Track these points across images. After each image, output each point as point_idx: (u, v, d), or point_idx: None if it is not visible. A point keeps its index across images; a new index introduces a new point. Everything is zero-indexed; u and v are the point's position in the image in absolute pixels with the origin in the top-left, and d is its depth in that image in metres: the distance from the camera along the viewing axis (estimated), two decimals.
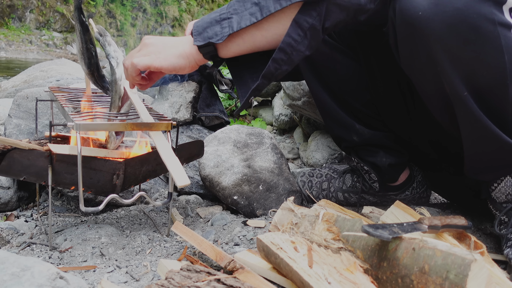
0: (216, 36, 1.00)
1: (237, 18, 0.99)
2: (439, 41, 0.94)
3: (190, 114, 1.93)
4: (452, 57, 0.95)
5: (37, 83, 2.46)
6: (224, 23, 1.00)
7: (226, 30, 0.99)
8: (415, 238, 0.88)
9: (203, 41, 1.00)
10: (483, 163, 1.09)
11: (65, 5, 17.57)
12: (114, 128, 1.13)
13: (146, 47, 1.06)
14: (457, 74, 0.96)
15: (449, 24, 0.92)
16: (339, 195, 1.52)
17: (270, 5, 0.97)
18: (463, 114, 1.01)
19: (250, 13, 0.99)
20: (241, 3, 1.01)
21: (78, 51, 1.24)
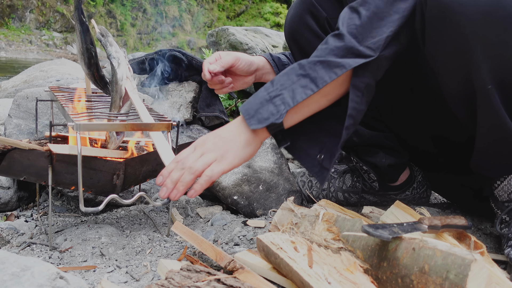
0: (273, 116, 0.97)
1: (289, 93, 0.98)
2: (472, 27, 0.92)
3: (190, 114, 1.93)
4: (484, 45, 0.93)
5: (37, 83, 2.46)
6: (276, 101, 0.99)
7: (282, 107, 0.98)
8: (415, 238, 0.88)
9: (259, 123, 0.98)
10: (491, 159, 1.09)
11: (65, 5, 17.57)
12: (114, 128, 1.13)
13: (207, 151, 1.00)
14: (486, 64, 0.94)
15: (484, 11, 0.90)
16: (339, 195, 1.52)
17: (323, 75, 0.98)
18: (484, 107, 0.99)
19: (301, 85, 0.99)
20: (285, 77, 1.01)
21: (78, 51, 1.24)
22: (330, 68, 0.98)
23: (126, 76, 1.22)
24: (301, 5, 1.27)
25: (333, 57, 0.99)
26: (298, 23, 1.28)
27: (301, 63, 1.01)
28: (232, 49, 2.79)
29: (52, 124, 1.13)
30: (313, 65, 0.99)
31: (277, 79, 1.01)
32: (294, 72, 1.00)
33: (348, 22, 1.01)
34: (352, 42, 0.99)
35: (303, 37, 1.28)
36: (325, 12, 1.25)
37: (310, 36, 1.27)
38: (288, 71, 1.02)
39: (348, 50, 0.99)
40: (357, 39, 0.99)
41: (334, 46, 1.00)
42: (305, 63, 1.01)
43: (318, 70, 0.98)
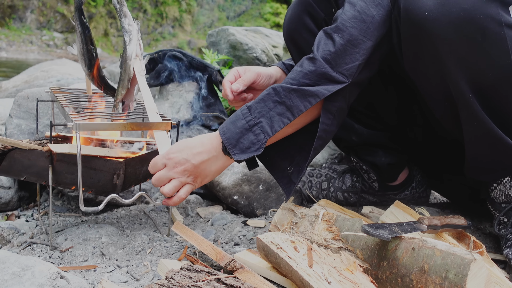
0: (253, 145, 1.03)
1: (267, 121, 1.03)
2: (445, 41, 0.94)
3: (190, 114, 1.94)
4: (458, 58, 0.95)
5: (38, 83, 2.47)
6: (255, 129, 1.03)
7: (262, 136, 1.03)
8: (414, 238, 0.88)
9: (242, 153, 1.03)
10: (484, 164, 1.09)
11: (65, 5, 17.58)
12: (114, 128, 1.13)
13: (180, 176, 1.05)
14: (462, 75, 0.96)
15: (456, 25, 0.92)
16: (338, 195, 1.52)
17: (298, 104, 1.02)
18: (467, 115, 1.01)
19: (278, 113, 1.03)
20: (262, 103, 1.04)
21: (79, 52, 1.24)
22: (304, 97, 1.02)
23: (136, 55, 1.18)
24: (299, 6, 1.27)
25: (306, 82, 1.02)
26: (296, 24, 1.28)
27: (276, 89, 1.04)
28: (232, 49, 2.79)
29: (52, 124, 1.13)
30: (288, 93, 1.03)
31: (254, 106, 1.04)
32: (270, 98, 1.04)
33: (323, 47, 1.04)
34: (325, 68, 1.02)
35: (301, 38, 1.28)
36: (322, 12, 1.25)
37: (308, 37, 1.27)
38: (264, 97, 1.05)
39: (321, 76, 1.02)
40: (330, 64, 1.02)
41: (307, 70, 1.03)
42: (280, 90, 1.03)
43: (293, 98, 1.02)
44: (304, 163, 1.10)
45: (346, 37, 1.02)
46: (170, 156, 1.06)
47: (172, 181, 1.05)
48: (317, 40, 1.06)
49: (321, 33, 1.06)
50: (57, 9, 17.76)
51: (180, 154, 1.05)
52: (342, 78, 1.02)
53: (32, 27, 17.23)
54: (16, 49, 15.10)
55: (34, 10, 17.42)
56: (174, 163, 1.05)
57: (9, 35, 15.99)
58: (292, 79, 1.04)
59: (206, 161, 1.06)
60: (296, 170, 1.11)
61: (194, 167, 1.05)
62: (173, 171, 1.05)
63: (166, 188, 1.05)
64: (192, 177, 1.06)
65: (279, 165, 1.14)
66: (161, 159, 1.06)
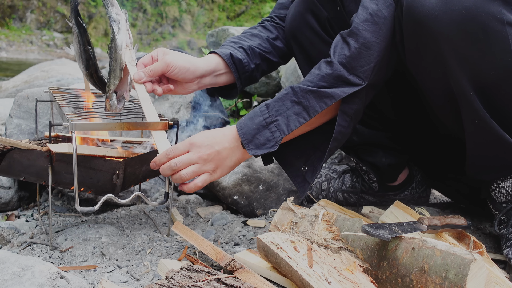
0: (269, 142, 1.05)
1: (283, 120, 1.05)
2: (447, 39, 0.95)
3: (190, 114, 1.94)
4: (460, 56, 0.95)
5: (38, 83, 2.47)
6: (272, 127, 1.05)
7: (277, 134, 1.05)
8: (414, 238, 0.88)
9: (257, 149, 1.05)
10: (485, 163, 1.09)
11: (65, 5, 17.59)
12: (110, 128, 1.13)
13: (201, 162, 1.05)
14: (464, 73, 0.97)
15: (458, 23, 0.92)
16: (338, 195, 1.52)
17: (314, 105, 1.05)
18: (468, 113, 1.01)
19: (294, 113, 1.05)
20: (280, 102, 1.06)
21: (76, 53, 1.23)
22: (320, 98, 1.04)
23: (126, 44, 1.16)
24: (302, 4, 1.27)
25: (323, 84, 1.05)
26: (299, 22, 1.28)
27: (295, 89, 1.06)
28: None
29: (52, 124, 1.13)
30: (305, 93, 1.05)
31: (272, 104, 1.07)
32: (288, 98, 1.06)
33: (339, 51, 1.06)
34: (341, 71, 1.04)
35: (304, 36, 1.28)
36: (326, 11, 1.25)
37: (311, 35, 1.27)
38: (282, 96, 1.07)
39: (337, 78, 1.05)
40: (346, 68, 1.04)
41: (324, 73, 1.05)
42: (298, 90, 1.06)
43: (310, 99, 1.05)
44: (318, 164, 1.12)
45: (360, 40, 1.04)
46: (194, 141, 1.05)
47: (191, 166, 1.04)
48: (334, 44, 1.08)
49: (338, 37, 1.09)
50: (57, 9, 17.76)
51: (205, 140, 1.05)
52: (358, 81, 1.04)
53: (32, 27, 17.22)
54: (16, 49, 15.10)
55: (34, 10, 17.41)
56: (199, 148, 1.05)
57: (9, 35, 15.98)
58: (309, 81, 1.06)
59: (228, 149, 1.06)
60: (310, 170, 1.13)
61: (217, 154, 1.05)
62: (197, 156, 1.04)
63: (184, 172, 1.04)
64: (213, 165, 1.06)
65: (294, 164, 1.16)
66: (183, 144, 1.06)
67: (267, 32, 1.40)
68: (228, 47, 1.31)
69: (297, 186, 1.15)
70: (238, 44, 1.33)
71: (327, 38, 1.28)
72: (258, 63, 1.34)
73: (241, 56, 1.29)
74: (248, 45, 1.33)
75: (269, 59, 1.37)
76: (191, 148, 1.05)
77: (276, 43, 1.38)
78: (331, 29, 1.27)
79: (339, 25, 1.27)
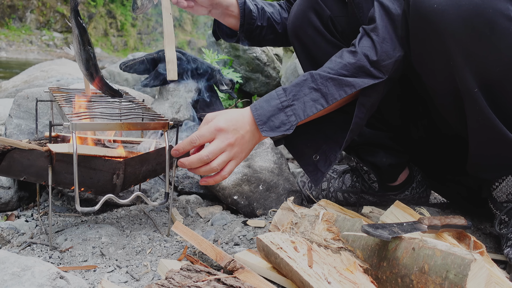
0: (284, 125, 1.04)
1: (300, 105, 1.05)
2: (453, 35, 0.95)
3: (190, 114, 1.93)
4: (466, 52, 0.95)
5: (38, 83, 2.46)
6: (288, 111, 1.05)
7: (293, 118, 1.05)
8: (414, 238, 0.88)
9: (271, 131, 1.04)
10: (486, 161, 1.09)
11: (65, 5, 17.59)
12: (111, 128, 1.13)
13: (234, 157, 1.04)
14: (469, 69, 0.97)
15: (465, 18, 0.92)
16: (338, 195, 1.52)
17: (334, 92, 1.05)
18: (472, 110, 1.01)
19: (312, 99, 1.05)
20: (298, 87, 1.06)
21: (76, 53, 1.23)
22: (340, 86, 1.05)
23: None
24: (305, 2, 1.27)
25: (344, 72, 1.05)
26: (302, 20, 1.28)
27: (314, 76, 1.06)
28: (233, 49, 2.79)
29: (52, 124, 1.13)
30: (325, 80, 1.05)
31: (289, 89, 1.06)
32: (306, 84, 1.06)
33: (363, 43, 1.08)
34: (364, 62, 1.05)
35: (306, 35, 1.28)
36: (329, 10, 1.25)
37: (313, 34, 1.27)
38: (300, 81, 1.07)
39: (359, 69, 1.05)
40: (369, 60, 1.05)
41: (347, 61, 1.06)
42: (317, 77, 1.06)
43: (329, 86, 1.05)
44: (332, 153, 1.12)
45: (381, 35, 1.06)
46: (220, 125, 1.02)
47: (222, 155, 1.01)
48: (358, 36, 1.10)
49: (362, 30, 1.11)
50: (56, 9, 17.76)
51: (230, 124, 1.02)
52: (379, 74, 1.06)
53: (32, 27, 17.22)
54: (16, 49, 15.09)
55: (34, 10, 17.41)
56: (226, 133, 1.02)
57: (9, 35, 15.98)
58: (330, 68, 1.07)
59: (250, 132, 1.05)
60: (322, 159, 1.14)
61: (242, 138, 1.04)
62: (226, 143, 1.01)
63: (215, 163, 1.01)
64: (238, 150, 1.03)
65: (304, 152, 1.16)
66: (209, 130, 1.02)
67: (281, 9, 1.50)
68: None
69: (309, 175, 1.15)
70: (255, 1, 1.44)
71: (329, 37, 1.28)
72: (265, 25, 1.44)
73: (253, 9, 1.40)
74: (262, 6, 1.44)
75: (275, 28, 1.46)
76: (218, 134, 1.01)
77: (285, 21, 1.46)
78: (333, 28, 1.27)
79: (342, 24, 1.27)
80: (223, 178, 1.04)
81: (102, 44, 17.57)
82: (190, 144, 1.03)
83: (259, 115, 1.04)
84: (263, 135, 1.04)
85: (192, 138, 1.02)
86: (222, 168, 1.02)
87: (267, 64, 2.77)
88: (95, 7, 17.65)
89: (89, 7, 17.39)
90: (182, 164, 1.02)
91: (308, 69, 1.37)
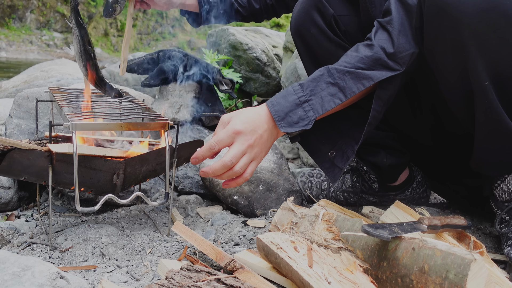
0: (302, 120, 1.04)
1: (318, 100, 1.04)
2: (468, 25, 0.94)
3: (190, 114, 1.93)
4: (480, 43, 0.95)
5: (38, 83, 2.46)
6: (305, 106, 1.04)
7: (311, 113, 1.04)
8: (414, 238, 0.88)
9: (289, 127, 1.03)
10: (491, 157, 1.09)
11: (65, 5, 17.59)
12: (111, 128, 1.13)
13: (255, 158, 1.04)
14: (482, 61, 0.96)
15: (481, 9, 0.92)
16: (338, 195, 1.52)
17: (351, 86, 1.05)
18: (481, 103, 1.01)
19: (329, 93, 1.05)
20: (315, 82, 1.06)
21: (76, 53, 1.23)
22: (358, 79, 1.05)
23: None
24: (308, 1, 1.27)
25: (361, 66, 1.05)
26: (305, 19, 1.28)
27: (330, 71, 1.06)
28: (232, 49, 2.79)
29: (52, 124, 1.13)
30: (342, 74, 1.05)
31: (306, 84, 1.06)
32: (323, 79, 1.06)
33: (379, 36, 1.07)
34: (381, 54, 1.05)
35: (309, 33, 1.28)
36: (332, 9, 1.25)
37: (316, 33, 1.27)
38: (317, 77, 1.06)
39: (376, 61, 1.05)
40: (385, 53, 1.05)
41: (364, 55, 1.06)
42: (334, 72, 1.05)
43: (347, 80, 1.04)
44: (349, 149, 1.12)
45: (397, 27, 1.06)
46: (238, 128, 1.01)
47: (243, 158, 1.01)
48: (374, 30, 1.09)
49: (377, 24, 1.10)
50: (57, 9, 17.75)
51: (248, 125, 1.01)
52: (396, 66, 1.06)
53: (32, 27, 17.21)
54: (16, 49, 15.09)
55: (34, 10, 17.40)
56: (245, 135, 1.01)
57: (9, 35, 15.97)
58: (346, 62, 1.06)
59: (268, 131, 1.04)
60: (339, 155, 1.13)
61: (260, 138, 1.03)
62: (246, 145, 1.00)
63: (238, 167, 1.00)
64: (258, 150, 1.03)
65: (320, 149, 1.16)
66: (227, 134, 1.01)
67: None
68: None
69: (326, 171, 1.14)
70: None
71: (332, 36, 1.27)
72: (228, 10, 1.60)
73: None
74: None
75: (239, 11, 1.62)
76: (237, 137, 1.01)
77: (253, 2, 1.62)
78: (337, 28, 1.27)
79: (345, 23, 1.27)
80: (245, 180, 1.03)
81: (102, 44, 17.57)
82: (210, 151, 1.02)
83: (276, 111, 1.03)
84: (281, 131, 1.03)
85: (211, 144, 1.01)
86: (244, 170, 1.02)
87: (267, 64, 2.77)
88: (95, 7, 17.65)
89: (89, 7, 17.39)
90: (206, 173, 1.01)
91: (310, 68, 1.37)
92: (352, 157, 1.12)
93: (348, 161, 1.12)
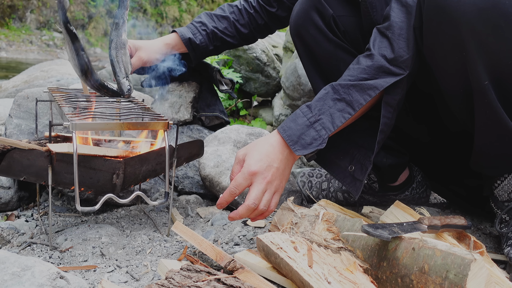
0: (315, 141, 1.05)
1: (327, 118, 1.05)
2: (468, 25, 0.95)
3: (190, 114, 1.93)
4: (480, 43, 0.95)
5: (38, 83, 2.46)
6: (316, 126, 1.05)
7: (323, 132, 1.05)
8: (414, 238, 0.88)
9: (304, 149, 1.05)
10: (491, 157, 1.09)
11: None
12: (110, 128, 1.13)
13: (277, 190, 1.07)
14: (481, 61, 0.97)
15: (480, 8, 0.93)
16: (338, 195, 1.52)
17: (358, 98, 1.06)
18: (481, 103, 1.01)
19: (338, 109, 1.06)
20: (321, 102, 1.07)
21: (70, 59, 1.24)
22: (363, 90, 1.05)
23: None
24: (307, 1, 1.27)
25: (364, 76, 1.06)
26: (304, 19, 1.28)
27: (335, 88, 1.07)
28: (233, 49, 2.78)
29: (51, 124, 1.13)
30: (347, 89, 1.06)
31: (313, 104, 1.07)
32: (329, 97, 1.07)
33: (379, 44, 1.08)
34: (382, 61, 1.06)
35: (308, 34, 1.28)
36: (331, 9, 1.25)
37: (316, 33, 1.27)
38: (322, 96, 1.07)
39: (379, 69, 1.06)
40: (386, 59, 1.06)
41: (365, 65, 1.07)
42: (338, 88, 1.07)
43: (352, 93, 1.05)
44: (366, 160, 1.13)
45: (396, 31, 1.06)
46: (253, 169, 1.04)
47: (265, 195, 1.05)
48: (372, 38, 1.10)
49: (375, 31, 1.10)
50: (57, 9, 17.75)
51: (262, 163, 1.05)
52: (399, 71, 1.06)
53: (32, 27, 17.21)
54: (16, 49, 15.08)
55: (34, 10, 17.40)
56: (261, 174, 1.04)
57: (9, 35, 15.97)
58: (349, 75, 1.07)
59: (284, 160, 1.07)
60: (358, 168, 1.14)
61: (277, 171, 1.06)
62: (265, 183, 1.04)
63: (262, 205, 1.04)
64: (278, 182, 1.06)
65: (339, 165, 1.16)
66: (244, 177, 1.05)
67: (239, 16, 1.62)
68: (192, 28, 1.61)
69: (348, 187, 1.15)
70: (203, 26, 1.61)
71: (331, 36, 1.27)
72: (218, 45, 1.65)
73: (200, 40, 1.60)
74: (212, 29, 1.61)
75: (230, 43, 1.66)
76: (254, 178, 1.04)
77: (241, 29, 1.64)
78: (336, 28, 1.27)
79: (344, 24, 1.27)
80: (271, 212, 1.08)
81: (102, 44, 17.56)
82: (231, 196, 1.06)
83: (289, 135, 1.05)
84: (296, 154, 1.06)
85: (231, 190, 1.05)
86: (268, 205, 1.06)
87: (267, 64, 2.77)
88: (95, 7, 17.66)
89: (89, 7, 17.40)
90: (233, 218, 1.07)
91: (309, 68, 1.37)
92: (370, 167, 1.12)
93: (367, 172, 1.12)
